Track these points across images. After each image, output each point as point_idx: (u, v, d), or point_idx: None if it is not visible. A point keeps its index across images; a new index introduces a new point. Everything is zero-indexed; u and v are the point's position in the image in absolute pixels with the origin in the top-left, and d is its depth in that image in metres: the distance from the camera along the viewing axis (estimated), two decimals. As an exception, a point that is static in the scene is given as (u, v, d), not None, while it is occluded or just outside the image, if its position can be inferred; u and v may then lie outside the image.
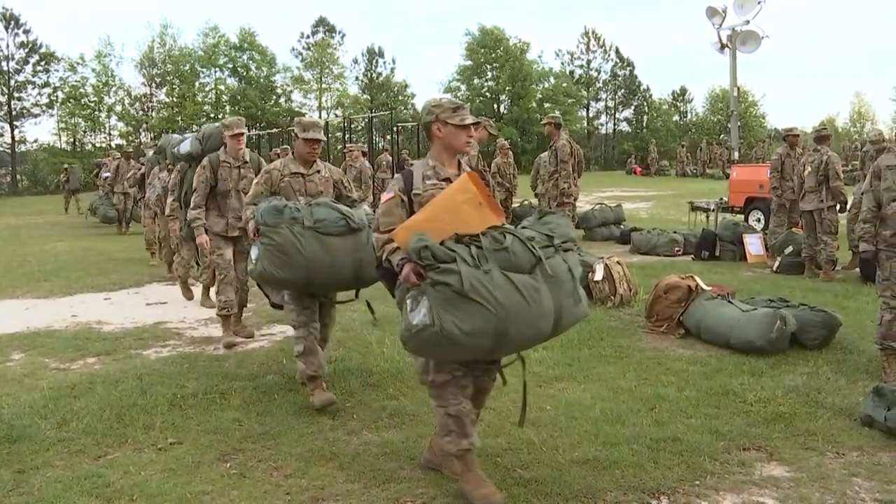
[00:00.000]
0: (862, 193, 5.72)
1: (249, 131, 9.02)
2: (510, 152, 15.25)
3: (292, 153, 5.38)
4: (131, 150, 18.46)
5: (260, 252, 4.71)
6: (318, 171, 5.31)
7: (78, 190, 24.55)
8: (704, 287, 6.90)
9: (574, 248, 3.53)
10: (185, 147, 6.93)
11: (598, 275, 7.93)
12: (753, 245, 11.21)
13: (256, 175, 5.92)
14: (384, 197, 3.64)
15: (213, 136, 6.75)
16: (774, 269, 10.25)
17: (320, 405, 4.78)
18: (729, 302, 6.55)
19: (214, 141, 6.71)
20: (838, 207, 9.61)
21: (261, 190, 5.12)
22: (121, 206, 17.47)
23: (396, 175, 3.75)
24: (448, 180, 3.63)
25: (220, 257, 6.53)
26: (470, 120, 3.65)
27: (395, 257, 3.42)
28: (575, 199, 10.61)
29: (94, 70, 42.05)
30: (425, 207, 3.46)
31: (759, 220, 13.58)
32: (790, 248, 10.25)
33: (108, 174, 19.19)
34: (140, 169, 12.67)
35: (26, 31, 40.39)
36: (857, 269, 9.54)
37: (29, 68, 40.57)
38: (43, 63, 40.70)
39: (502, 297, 3.14)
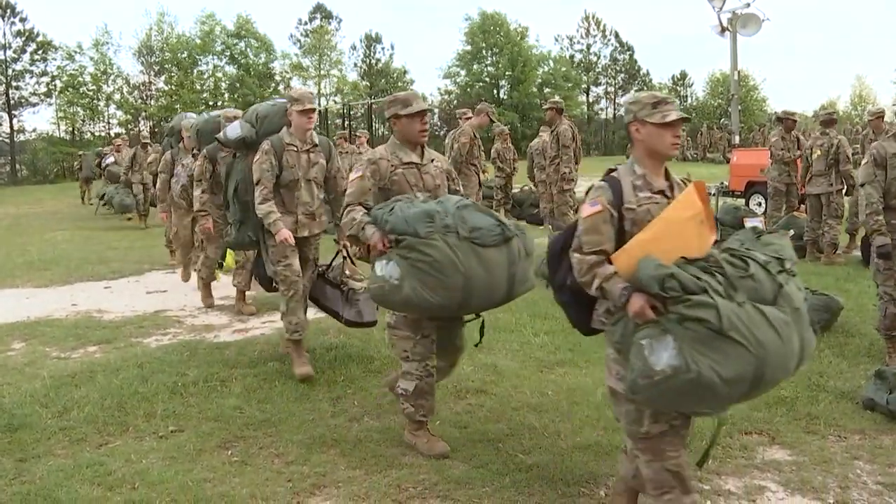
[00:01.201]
0: (861, 185, 5.39)
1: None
2: (509, 137, 15.21)
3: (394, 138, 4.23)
4: (147, 139, 16.47)
5: (403, 270, 3.66)
6: (433, 161, 4.29)
7: (91, 178, 22.80)
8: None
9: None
10: (235, 131, 5.60)
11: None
12: (754, 229, 11.16)
13: (328, 162, 5.49)
14: (588, 210, 3.00)
15: (271, 115, 5.59)
16: (775, 253, 10.20)
17: (440, 453, 3.98)
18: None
19: (272, 122, 5.53)
20: (845, 191, 9.57)
21: (367, 185, 4.03)
22: (141, 196, 15.85)
23: (600, 183, 3.07)
24: (662, 193, 3.06)
25: (287, 268, 5.30)
26: (674, 116, 2.98)
27: (615, 286, 2.84)
28: (573, 183, 10.56)
29: (92, 59, 41.90)
30: (650, 226, 2.89)
31: (759, 204, 13.56)
32: (791, 232, 10.21)
33: (111, 160, 18.42)
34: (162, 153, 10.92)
35: (23, 20, 40.17)
36: (858, 252, 9.53)
37: (26, 57, 40.37)
38: (40, 52, 40.51)
39: (760, 334, 2.67)
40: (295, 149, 5.34)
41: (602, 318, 3.09)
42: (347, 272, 5.55)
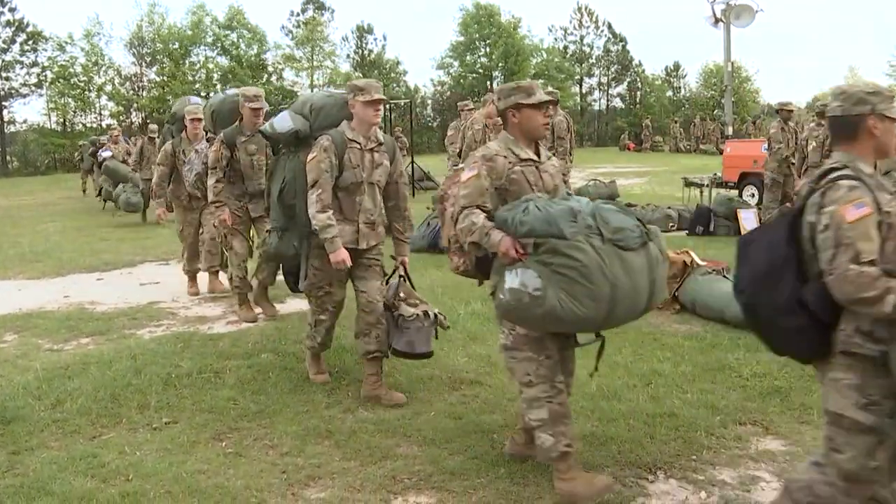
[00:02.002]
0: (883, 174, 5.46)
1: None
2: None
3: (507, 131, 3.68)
4: (154, 132, 14.54)
5: (545, 279, 3.15)
6: (550, 158, 3.83)
7: (92, 170, 20.28)
8: (700, 262, 6.89)
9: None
10: (286, 123, 4.79)
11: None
12: (748, 220, 11.20)
13: (391, 163, 4.77)
14: (854, 213, 2.55)
15: (328, 107, 4.79)
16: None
17: (599, 491, 3.42)
18: (724, 277, 6.54)
19: (329, 115, 4.75)
20: None
21: (485, 185, 3.46)
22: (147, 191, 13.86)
23: (851, 182, 2.61)
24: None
25: (328, 296, 4.77)
26: None
27: None
28: (566, 175, 10.62)
29: (83, 49, 41.62)
30: None
31: (753, 196, 13.58)
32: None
33: (108, 154, 16.49)
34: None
35: (12, 10, 39.84)
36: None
37: (16, 48, 40.07)
38: (31, 42, 40.21)
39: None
40: (358, 146, 4.58)
41: (856, 340, 2.60)
42: (402, 294, 4.78)
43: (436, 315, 4.71)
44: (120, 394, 4.80)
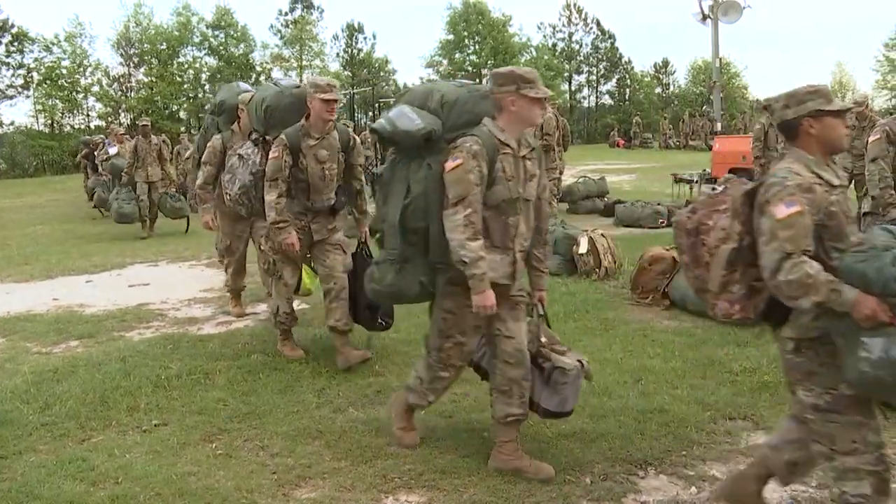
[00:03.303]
0: (872, 160, 5.42)
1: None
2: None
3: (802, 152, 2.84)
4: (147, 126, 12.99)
5: None
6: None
7: (87, 172, 18.79)
8: (689, 258, 6.89)
9: None
10: (413, 121, 3.63)
11: (583, 247, 7.92)
12: (737, 216, 11.22)
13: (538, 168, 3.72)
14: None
15: (467, 103, 3.68)
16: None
17: None
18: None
19: (466, 110, 3.66)
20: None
21: (809, 223, 2.67)
22: (145, 200, 12.63)
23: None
24: None
25: (458, 347, 3.76)
26: None
27: None
28: (560, 173, 10.59)
29: (65, 51, 41.35)
30: None
31: (742, 191, 13.60)
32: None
33: (113, 151, 14.55)
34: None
35: (-4, 10, 39.54)
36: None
37: (1, 49, 39.82)
38: (16, 43, 39.93)
39: None
40: (511, 153, 3.56)
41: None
42: (544, 339, 3.87)
43: (583, 364, 3.84)
44: (109, 396, 4.78)
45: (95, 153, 16.46)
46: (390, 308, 5.28)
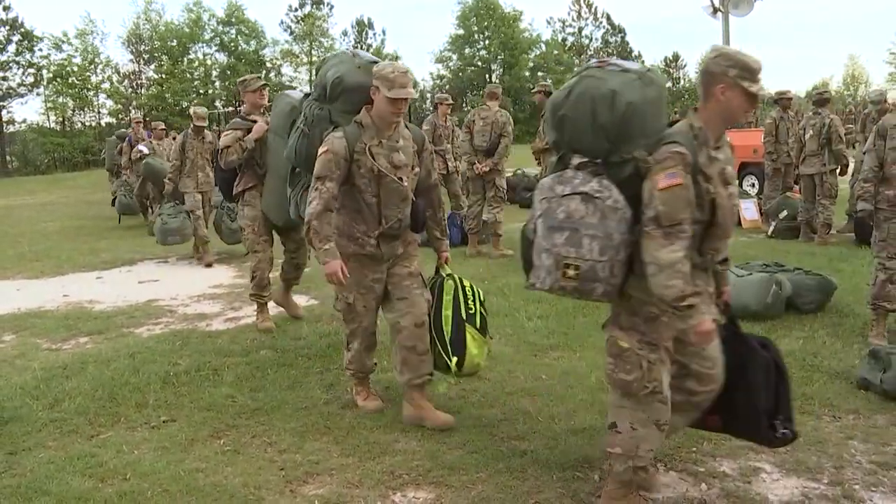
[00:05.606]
0: (864, 153, 5.66)
1: (239, 108, 6.46)
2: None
3: None
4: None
5: None
6: None
7: (118, 172, 14.79)
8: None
9: None
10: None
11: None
12: (748, 210, 11.18)
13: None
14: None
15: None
16: (769, 233, 10.25)
17: None
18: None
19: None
20: (839, 171, 9.56)
21: None
22: (199, 211, 9.75)
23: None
24: None
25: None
26: None
27: None
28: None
29: (76, 49, 41.55)
30: None
31: (753, 185, 13.53)
32: (785, 213, 10.22)
33: (144, 150, 12.61)
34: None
35: (6, 9, 39.80)
36: (853, 234, 9.51)
37: (12, 48, 40.05)
38: (26, 42, 40.16)
39: None
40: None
41: None
42: None
43: None
44: (118, 393, 4.78)
45: (122, 152, 13.94)
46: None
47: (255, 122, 6.04)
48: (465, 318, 4.13)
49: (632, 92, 2.95)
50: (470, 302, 4.19)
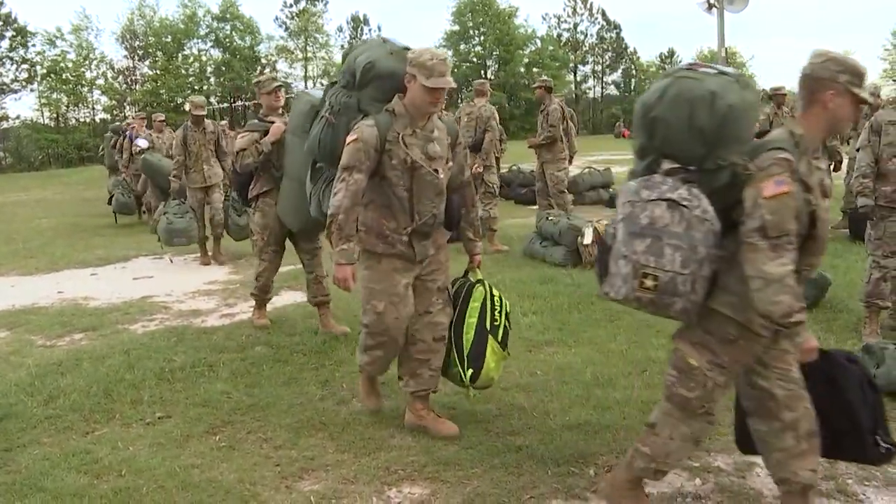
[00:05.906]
0: (857, 149, 5.66)
1: (234, 103, 6.26)
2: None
3: None
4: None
5: None
6: None
7: (117, 168, 14.02)
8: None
9: None
10: None
11: (588, 238, 7.88)
12: (743, 206, 11.18)
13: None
14: None
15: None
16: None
17: None
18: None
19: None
20: (832, 167, 9.57)
21: None
22: (208, 207, 9.46)
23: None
24: None
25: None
26: None
27: None
28: (570, 162, 10.51)
29: (71, 45, 41.41)
30: None
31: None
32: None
33: (144, 144, 12.35)
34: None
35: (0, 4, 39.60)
36: (847, 230, 9.53)
37: (5, 43, 39.87)
38: (19, 37, 39.98)
39: None
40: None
41: None
42: None
43: None
44: (113, 389, 4.78)
45: (121, 148, 13.56)
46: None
47: (272, 123, 5.85)
48: (489, 328, 3.95)
49: (732, 94, 2.79)
50: (496, 313, 4.00)
